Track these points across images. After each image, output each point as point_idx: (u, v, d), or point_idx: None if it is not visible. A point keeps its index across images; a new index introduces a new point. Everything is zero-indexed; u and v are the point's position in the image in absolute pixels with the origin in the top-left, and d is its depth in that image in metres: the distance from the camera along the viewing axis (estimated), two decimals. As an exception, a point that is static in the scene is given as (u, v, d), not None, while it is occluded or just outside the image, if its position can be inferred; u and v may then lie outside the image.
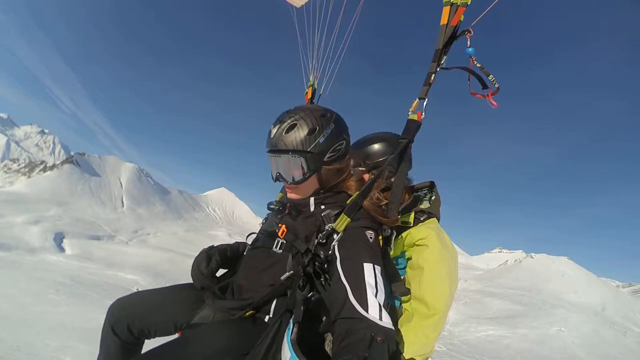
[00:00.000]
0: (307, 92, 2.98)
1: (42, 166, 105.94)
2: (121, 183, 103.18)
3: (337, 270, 1.55)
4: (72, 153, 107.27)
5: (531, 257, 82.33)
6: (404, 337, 1.80)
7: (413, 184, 2.39)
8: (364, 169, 2.38)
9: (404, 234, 2.06)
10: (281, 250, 1.82)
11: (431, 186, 2.34)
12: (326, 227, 1.72)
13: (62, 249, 43.44)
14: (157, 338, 1.89)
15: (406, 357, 1.76)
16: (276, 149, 1.81)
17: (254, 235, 2.10)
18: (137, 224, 76.96)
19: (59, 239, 46.17)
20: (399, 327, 1.87)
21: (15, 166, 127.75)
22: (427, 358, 1.89)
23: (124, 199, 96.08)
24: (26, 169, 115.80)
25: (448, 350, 19.84)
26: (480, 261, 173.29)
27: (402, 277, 1.98)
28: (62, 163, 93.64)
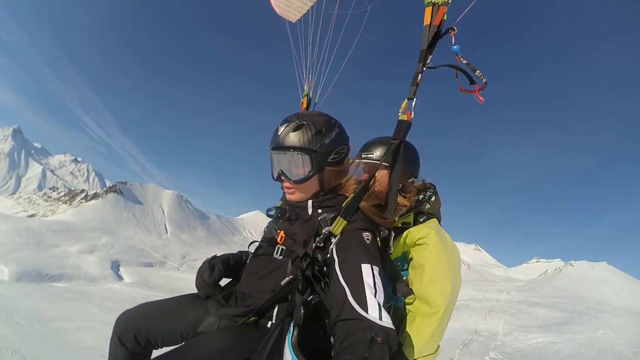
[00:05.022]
0: (302, 102, 3.02)
1: (82, 195, 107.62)
2: (163, 210, 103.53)
3: (336, 273, 1.54)
4: (113, 183, 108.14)
5: (571, 264, 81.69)
6: (407, 338, 1.81)
7: (414, 184, 2.37)
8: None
9: (404, 234, 2.04)
10: (281, 257, 1.83)
11: (432, 188, 2.33)
12: (323, 231, 1.70)
13: (120, 277, 44.69)
14: (164, 348, 1.87)
15: (410, 359, 1.78)
16: (282, 146, 1.82)
17: (257, 244, 2.10)
18: (183, 250, 77.31)
19: (115, 267, 47.66)
20: (402, 328, 1.87)
21: (55, 194, 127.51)
22: (433, 359, 1.90)
23: (167, 226, 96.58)
24: (66, 197, 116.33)
25: (504, 359, 21.14)
26: (519, 272, 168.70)
27: (404, 278, 1.97)
28: (106, 192, 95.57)
